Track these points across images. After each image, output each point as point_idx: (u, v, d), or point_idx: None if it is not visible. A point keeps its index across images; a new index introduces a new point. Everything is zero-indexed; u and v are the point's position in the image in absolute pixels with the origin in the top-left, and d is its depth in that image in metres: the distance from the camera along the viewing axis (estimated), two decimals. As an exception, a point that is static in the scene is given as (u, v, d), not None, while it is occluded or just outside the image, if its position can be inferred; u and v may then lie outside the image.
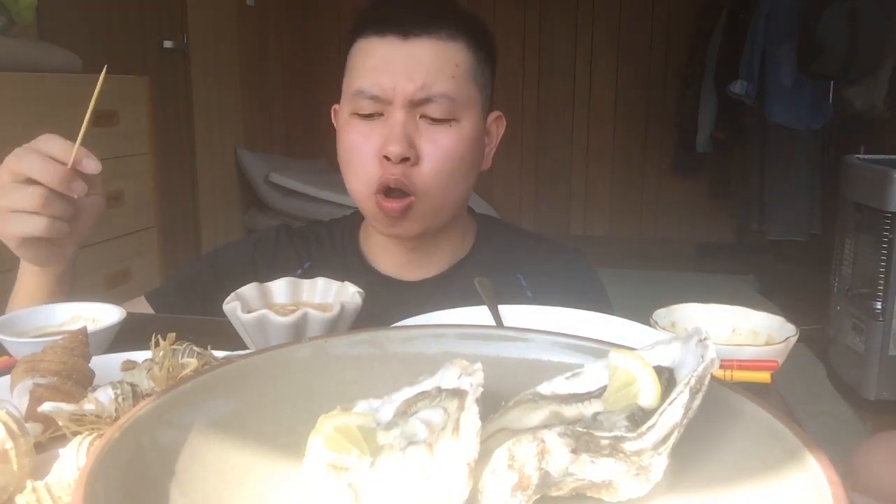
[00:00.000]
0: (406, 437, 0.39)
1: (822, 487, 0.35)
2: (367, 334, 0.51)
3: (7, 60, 1.91)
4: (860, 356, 2.57)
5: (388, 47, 0.90)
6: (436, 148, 0.90)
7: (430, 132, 0.90)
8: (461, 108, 0.91)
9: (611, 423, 0.40)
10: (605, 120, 4.79)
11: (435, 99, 0.89)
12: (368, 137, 0.91)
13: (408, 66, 0.89)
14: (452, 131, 0.91)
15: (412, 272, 1.00)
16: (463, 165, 0.93)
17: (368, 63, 0.91)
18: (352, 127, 0.92)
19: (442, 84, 0.89)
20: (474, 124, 0.94)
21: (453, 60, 0.91)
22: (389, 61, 0.89)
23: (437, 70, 0.89)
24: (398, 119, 0.89)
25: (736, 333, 0.75)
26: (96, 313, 0.74)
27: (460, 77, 0.91)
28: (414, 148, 0.89)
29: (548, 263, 1.04)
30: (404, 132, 0.89)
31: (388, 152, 0.88)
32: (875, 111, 3.33)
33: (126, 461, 0.36)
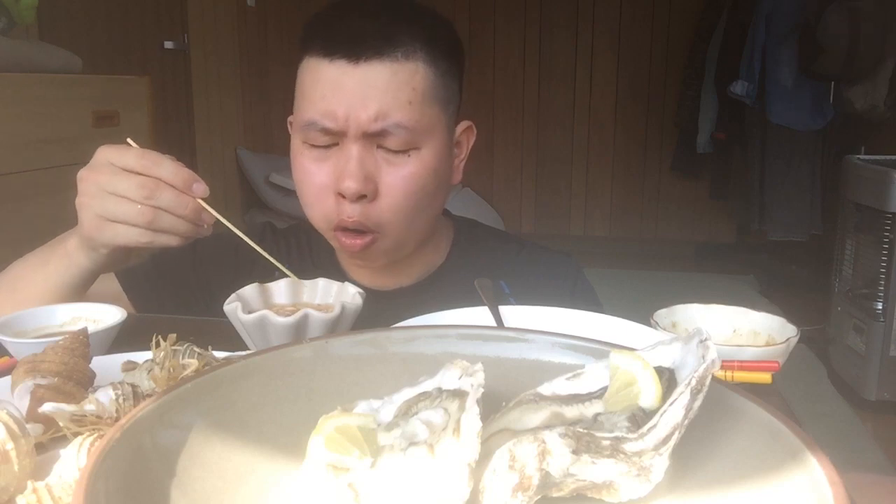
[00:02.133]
0: (407, 438, 0.39)
1: (822, 488, 0.35)
2: (367, 335, 0.51)
3: (7, 60, 1.91)
4: (861, 357, 2.57)
5: (337, 72, 0.82)
6: (396, 180, 0.84)
7: (388, 165, 0.84)
8: (421, 136, 0.84)
9: (611, 423, 0.40)
10: (605, 120, 4.79)
11: (391, 130, 0.82)
12: (321, 169, 0.85)
13: (360, 93, 0.81)
14: (412, 161, 0.84)
15: (387, 282, 0.97)
16: (426, 195, 0.87)
17: (318, 90, 0.83)
18: (305, 156, 0.86)
19: (398, 113, 0.82)
20: (438, 149, 0.87)
21: (410, 84, 0.83)
22: (339, 88, 0.82)
23: (392, 97, 0.82)
24: (353, 153, 0.82)
25: (737, 334, 0.75)
26: (97, 314, 0.74)
27: (418, 102, 0.83)
28: (372, 182, 0.83)
29: (534, 269, 1.00)
30: (360, 167, 0.82)
31: (343, 189, 0.82)
32: (876, 111, 3.33)
33: (127, 462, 0.36)
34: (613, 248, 4.54)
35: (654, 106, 4.71)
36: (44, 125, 1.99)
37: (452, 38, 0.90)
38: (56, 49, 2.14)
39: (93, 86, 2.20)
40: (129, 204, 0.72)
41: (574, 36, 4.73)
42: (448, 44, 0.89)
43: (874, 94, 3.31)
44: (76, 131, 2.10)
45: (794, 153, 3.69)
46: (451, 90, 0.89)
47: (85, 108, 2.12)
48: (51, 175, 1.99)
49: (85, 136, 2.12)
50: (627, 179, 4.83)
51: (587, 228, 4.88)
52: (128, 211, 0.73)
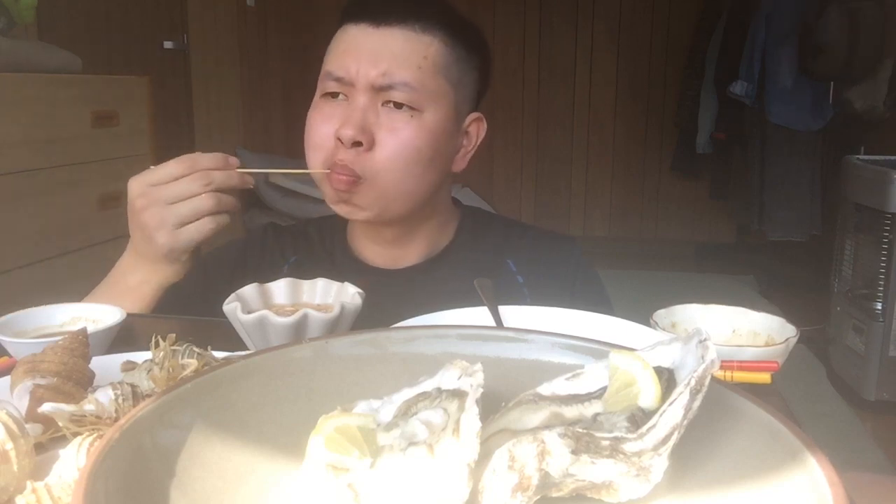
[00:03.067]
0: (406, 438, 0.39)
1: (822, 488, 0.35)
2: (367, 335, 0.51)
3: (7, 60, 1.91)
4: (860, 357, 2.57)
5: (359, 33, 0.91)
6: (392, 136, 0.89)
7: (389, 120, 0.90)
8: (425, 100, 0.90)
9: (611, 423, 0.40)
10: (605, 120, 4.79)
11: (396, 86, 0.89)
12: (329, 118, 0.91)
13: (374, 51, 0.89)
14: (413, 122, 0.90)
15: (394, 260, 1.01)
16: (421, 157, 0.91)
17: (340, 47, 0.93)
18: (318, 108, 0.94)
19: (405, 72, 0.89)
20: (440, 119, 0.92)
21: (422, 52, 0.90)
22: (358, 46, 0.90)
23: (403, 59, 0.89)
24: (359, 103, 0.89)
25: (736, 334, 0.75)
26: (97, 314, 0.74)
27: (427, 69, 0.91)
28: (368, 133, 0.89)
29: (539, 249, 1.04)
30: (362, 117, 0.89)
31: (340, 134, 0.88)
32: (875, 111, 3.33)
33: (126, 462, 0.36)
34: (613, 248, 4.53)
35: (654, 106, 4.71)
36: (43, 125, 1.99)
37: (477, 37, 0.98)
38: (55, 49, 2.14)
39: (92, 86, 2.20)
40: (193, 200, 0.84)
41: (574, 35, 4.73)
42: (471, 39, 0.96)
43: (874, 94, 3.31)
44: (76, 131, 2.10)
45: (794, 153, 3.69)
46: (465, 75, 0.95)
47: (84, 108, 2.12)
48: (51, 175, 1.99)
49: (84, 136, 2.12)
50: (627, 179, 4.83)
51: (587, 228, 4.88)
52: (196, 205, 0.85)
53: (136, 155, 2.34)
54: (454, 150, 0.98)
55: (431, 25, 0.91)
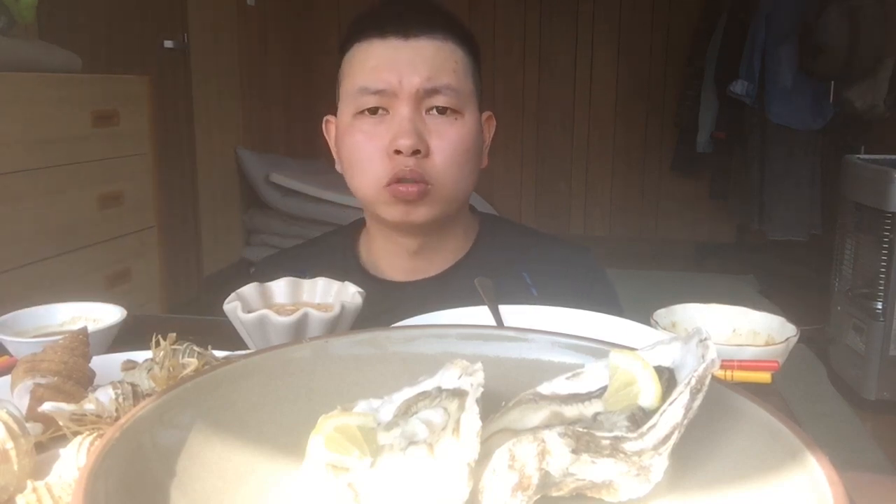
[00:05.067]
0: (406, 438, 0.39)
1: (822, 487, 0.35)
2: (367, 334, 0.51)
3: (7, 60, 1.91)
4: (860, 356, 2.57)
5: (389, 48, 0.91)
6: (444, 140, 0.91)
7: (437, 126, 0.91)
8: (464, 102, 0.93)
9: (611, 423, 0.40)
10: (605, 120, 4.79)
11: (441, 90, 0.91)
12: (374, 136, 0.91)
13: (412, 61, 0.91)
14: (458, 124, 0.93)
15: (412, 272, 1.00)
16: (469, 158, 0.94)
17: (370, 62, 0.92)
18: (355, 128, 0.93)
19: (446, 76, 0.91)
20: (475, 119, 0.96)
21: (453, 58, 0.93)
22: (392, 59, 0.91)
23: (440, 65, 0.91)
24: (405, 113, 0.90)
25: (736, 334, 0.75)
26: (97, 313, 0.74)
27: (460, 72, 0.93)
28: (424, 141, 0.90)
29: (553, 261, 1.04)
30: (413, 126, 0.89)
31: (400, 146, 0.88)
32: (875, 111, 3.33)
33: (126, 461, 0.36)
34: (613, 247, 4.53)
35: (654, 105, 4.71)
36: (43, 125, 1.98)
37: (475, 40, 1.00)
38: (56, 48, 2.14)
39: (92, 85, 2.20)
40: None
41: (574, 35, 4.73)
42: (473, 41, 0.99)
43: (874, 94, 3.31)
44: (76, 131, 2.10)
45: (794, 153, 3.69)
46: (477, 78, 0.98)
47: (84, 108, 2.12)
48: (51, 175, 1.98)
49: (84, 136, 2.12)
50: (627, 179, 4.83)
51: (587, 228, 4.88)
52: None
53: (136, 155, 2.34)
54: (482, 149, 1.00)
55: (450, 35, 0.94)
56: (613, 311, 0.97)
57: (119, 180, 2.27)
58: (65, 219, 2.04)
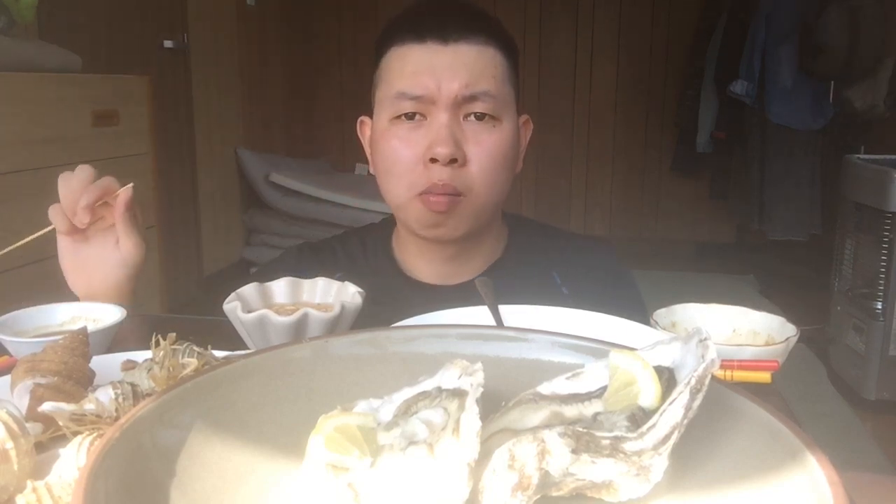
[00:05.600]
0: (406, 437, 0.39)
1: (822, 487, 0.35)
2: (367, 334, 0.51)
3: (7, 60, 1.91)
4: (860, 356, 2.57)
5: (427, 52, 0.90)
6: (481, 148, 0.90)
7: (474, 133, 0.90)
8: (502, 108, 0.92)
9: (611, 423, 0.40)
10: (605, 120, 4.79)
11: (480, 97, 0.89)
12: (410, 142, 0.90)
13: (451, 67, 0.89)
14: (496, 131, 0.91)
15: (447, 277, 0.99)
16: (506, 165, 0.94)
17: (408, 67, 0.90)
18: (392, 133, 0.92)
19: (486, 82, 0.90)
20: (513, 125, 0.94)
21: (492, 63, 0.91)
22: (431, 64, 0.89)
23: (479, 70, 0.90)
24: (443, 120, 0.89)
25: (736, 334, 0.75)
26: (97, 313, 0.74)
27: (500, 78, 0.92)
28: (461, 149, 0.89)
29: (580, 260, 1.04)
30: (450, 133, 0.88)
31: (436, 154, 0.87)
32: (875, 111, 3.33)
33: (126, 461, 0.36)
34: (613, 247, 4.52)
35: (654, 105, 4.71)
36: (43, 124, 1.98)
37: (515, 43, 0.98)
38: (56, 48, 2.14)
39: (92, 85, 2.20)
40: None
41: (574, 35, 4.73)
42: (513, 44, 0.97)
43: (874, 94, 3.31)
44: (76, 130, 2.10)
45: (794, 153, 3.69)
46: (516, 81, 0.97)
47: (84, 108, 2.12)
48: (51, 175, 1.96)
49: (84, 136, 2.12)
50: (627, 179, 4.83)
51: (587, 228, 4.88)
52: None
53: (136, 154, 2.34)
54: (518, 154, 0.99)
55: (490, 38, 0.92)
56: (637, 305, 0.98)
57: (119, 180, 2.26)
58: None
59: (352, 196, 3.78)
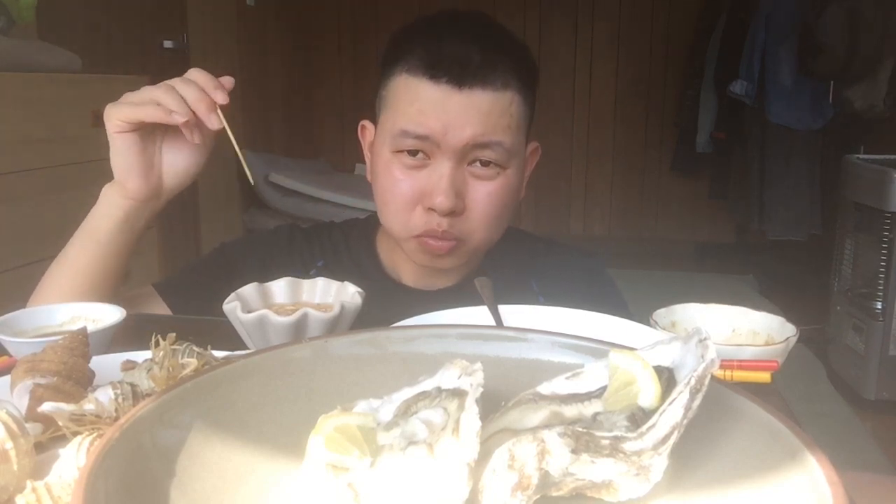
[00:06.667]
0: (406, 437, 0.39)
1: (822, 487, 0.35)
2: (367, 334, 0.51)
3: (7, 60, 1.91)
4: (860, 356, 2.57)
5: (440, 94, 0.85)
6: (482, 197, 0.89)
7: (476, 181, 0.88)
8: (510, 158, 0.89)
9: (611, 423, 0.40)
10: (605, 120, 4.79)
11: (491, 146, 0.86)
12: (411, 180, 0.88)
13: (463, 114, 0.85)
14: (500, 180, 0.89)
15: (428, 282, 1.00)
16: (506, 211, 0.93)
17: (416, 105, 0.86)
18: (394, 165, 0.89)
19: (499, 134, 0.87)
20: (519, 170, 0.93)
21: (507, 111, 0.87)
22: (441, 108, 0.85)
23: (493, 122, 0.86)
24: (445, 170, 0.86)
25: (736, 333, 0.75)
26: (96, 313, 0.74)
27: (514, 128, 0.89)
28: (461, 199, 0.87)
29: (561, 269, 1.03)
30: (452, 183, 0.86)
31: (435, 205, 0.86)
32: (875, 111, 3.33)
33: (126, 461, 0.36)
34: (613, 247, 4.52)
35: (654, 105, 4.71)
36: (43, 125, 1.98)
37: (533, 64, 0.94)
38: (55, 48, 2.14)
39: (92, 85, 2.20)
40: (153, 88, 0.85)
41: (574, 35, 4.73)
42: (531, 72, 0.92)
43: (873, 94, 3.31)
44: (76, 131, 2.09)
45: (794, 153, 3.69)
46: (530, 116, 0.94)
47: (84, 108, 2.12)
48: (51, 175, 1.98)
49: (84, 136, 2.12)
50: (627, 179, 4.83)
51: (587, 228, 4.88)
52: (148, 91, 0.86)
53: (136, 155, 2.34)
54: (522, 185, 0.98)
55: (512, 79, 0.87)
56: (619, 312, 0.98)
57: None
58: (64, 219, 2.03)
59: (351, 196, 3.78)
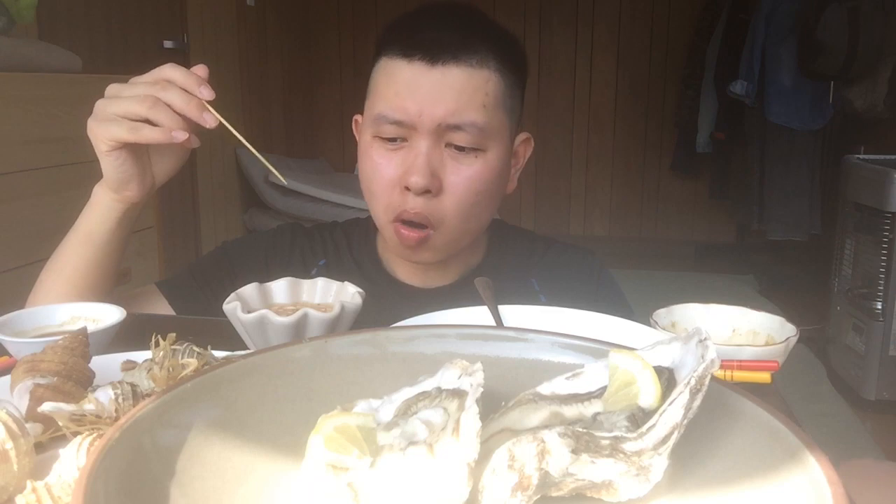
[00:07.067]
0: (406, 437, 0.39)
1: (822, 487, 0.35)
2: (367, 334, 0.51)
3: (7, 60, 1.91)
4: (860, 356, 2.58)
5: (414, 72, 0.85)
6: (460, 179, 0.87)
7: (455, 163, 0.87)
8: (489, 139, 0.88)
9: (611, 423, 0.40)
10: (605, 120, 4.79)
11: (464, 127, 0.85)
12: (390, 163, 0.88)
13: (436, 92, 0.85)
14: (478, 162, 0.88)
15: (427, 280, 0.99)
16: (486, 196, 0.91)
17: (392, 87, 0.87)
18: (373, 150, 0.89)
19: (472, 113, 0.86)
20: (501, 153, 0.90)
21: (483, 89, 0.86)
22: (415, 87, 0.85)
23: (467, 99, 0.85)
24: (422, 148, 0.86)
25: (736, 334, 0.75)
26: (96, 313, 0.74)
27: (490, 106, 0.87)
28: (437, 178, 0.86)
29: (561, 267, 1.03)
30: (428, 162, 0.85)
31: (410, 183, 0.85)
32: (875, 111, 3.33)
33: (126, 461, 0.36)
34: (613, 247, 4.53)
35: (654, 106, 4.71)
36: (43, 124, 1.98)
37: (520, 54, 0.94)
38: (56, 49, 2.14)
39: (92, 85, 2.19)
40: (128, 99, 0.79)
41: (573, 35, 4.73)
42: (516, 58, 0.92)
43: (874, 94, 3.31)
44: (76, 131, 2.08)
45: (794, 153, 3.68)
46: (515, 101, 0.93)
47: (85, 108, 2.11)
48: (51, 175, 1.98)
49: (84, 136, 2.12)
50: (627, 179, 4.83)
51: (586, 228, 4.88)
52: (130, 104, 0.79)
53: (136, 155, 2.34)
54: (508, 176, 0.96)
55: (486, 57, 0.87)
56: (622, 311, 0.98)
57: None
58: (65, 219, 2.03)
59: (351, 196, 3.78)
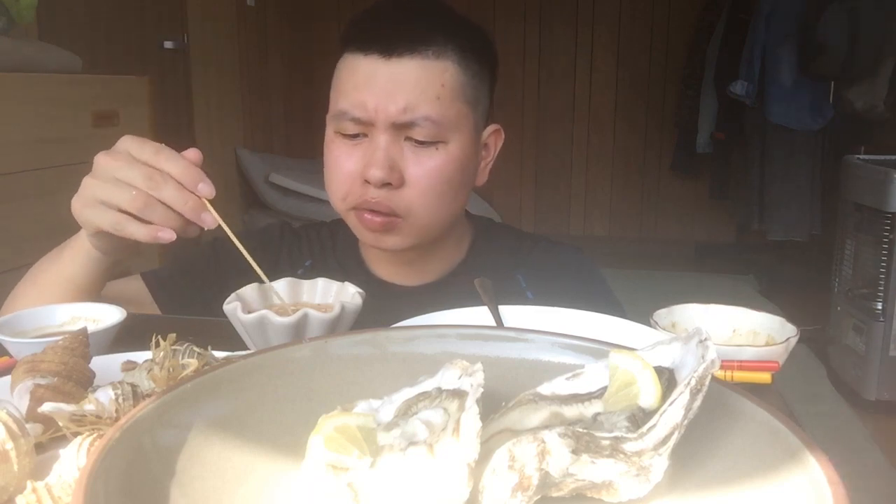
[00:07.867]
0: (406, 438, 0.39)
1: (822, 488, 0.35)
2: (367, 334, 0.51)
3: (7, 60, 1.91)
4: (860, 356, 2.57)
5: (369, 66, 0.86)
6: (422, 171, 0.87)
7: (415, 155, 0.87)
8: (448, 130, 0.87)
9: (611, 423, 0.40)
10: (605, 120, 4.79)
11: (418, 122, 0.85)
12: (350, 157, 0.88)
13: (390, 86, 0.85)
14: (440, 154, 0.88)
15: (409, 278, 0.99)
16: (451, 187, 0.90)
17: (350, 82, 0.87)
18: (335, 144, 0.90)
19: (426, 106, 0.85)
20: (464, 144, 0.90)
21: (439, 81, 0.86)
22: (371, 82, 0.86)
23: (420, 91, 0.85)
24: (381, 143, 0.86)
25: (736, 334, 0.75)
26: (96, 313, 0.74)
27: (447, 98, 0.87)
28: (397, 171, 0.86)
29: (548, 263, 1.03)
30: (386, 156, 0.85)
31: (369, 176, 0.86)
32: (875, 111, 3.33)
33: (126, 461, 0.36)
34: (613, 247, 4.53)
35: (654, 105, 4.71)
36: (43, 125, 1.99)
37: (485, 43, 0.94)
38: (56, 49, 2.14)
39: (92, 86, 2.20)
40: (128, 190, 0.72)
41: (574, 36, 4.73)
42: (480, 49, 0.92)
43: (874, 94, 3.31)
44: (76, 131, 2.10)
45: (794, 153, 3.68)
46: (480, 92, 0.92)
47: (84, 108, 2.12)
48: (51, 175, 1.98)
49: (84, 136, 2.12)
50: (627, 179, 4.83)
51: (587, 228, 4.88)
52: (123, 196, 0.72)
53: (136, 155, 2.34)
54: (476, 167, 0.96)
55: (444, 48, 0.87)
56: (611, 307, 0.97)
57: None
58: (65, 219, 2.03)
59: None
